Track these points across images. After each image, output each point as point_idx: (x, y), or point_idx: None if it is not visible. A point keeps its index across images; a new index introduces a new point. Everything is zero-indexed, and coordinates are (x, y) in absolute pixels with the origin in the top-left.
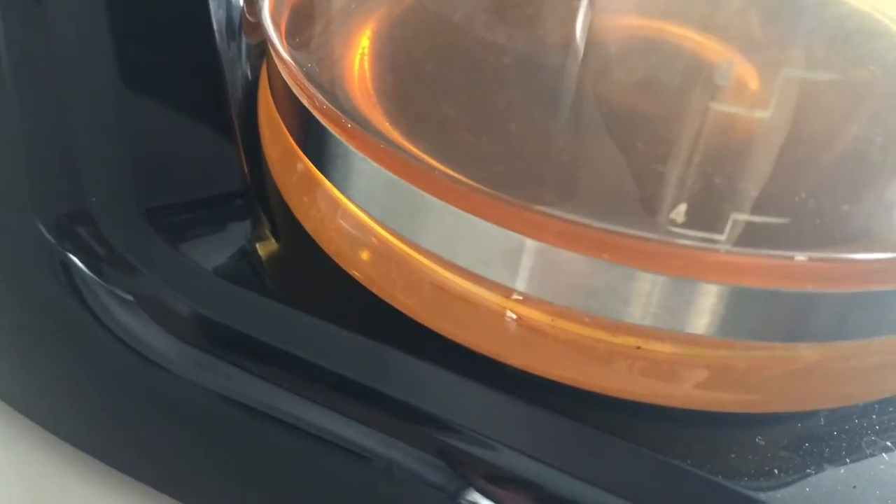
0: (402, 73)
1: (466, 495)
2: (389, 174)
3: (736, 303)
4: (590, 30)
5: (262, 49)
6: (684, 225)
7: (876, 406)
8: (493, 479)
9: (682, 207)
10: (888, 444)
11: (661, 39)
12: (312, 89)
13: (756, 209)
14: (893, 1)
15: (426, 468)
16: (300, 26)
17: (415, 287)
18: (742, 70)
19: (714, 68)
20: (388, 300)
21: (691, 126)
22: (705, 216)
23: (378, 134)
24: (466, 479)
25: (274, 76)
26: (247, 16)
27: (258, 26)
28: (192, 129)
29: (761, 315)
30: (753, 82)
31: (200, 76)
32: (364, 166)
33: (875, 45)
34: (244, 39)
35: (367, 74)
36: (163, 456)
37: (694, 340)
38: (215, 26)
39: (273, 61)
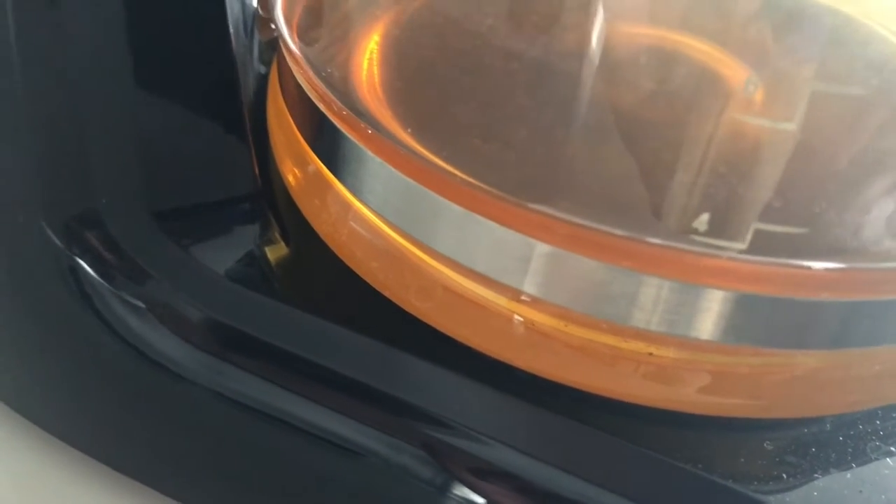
0: (412, 75)
1: (474, 496)
2: (407, 179)
3: (745, 309)
4: (604, 38)
5: (273, 45)
6: (703, 232)
7: (879, 412)
8: (502, 482)
9: (705, 217)
10: (892, 449)
11: (673, 50)
12: (329, 93)
13: (772, 218)
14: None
15: (435, 469)
16: (312, 24)
17: (427, 291)
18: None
19: (725, 80)
20: (399, 304)
21: (703, 136)
22: (722, 224)
23: (396, 139)
24: (475, 480)
25: (285, 76)
26: (260, 12)
27: (270, 23)
28: (204, 132)
29: (768, 322)
30: (761, 94)
31: (214, 77)
32: (381, 171)
33: (884, 59)
34: (256, 36)
35: (376, 76)
36: (175, 460)
37: (700, 346)
38: (231, 27)
39: (284, 60)
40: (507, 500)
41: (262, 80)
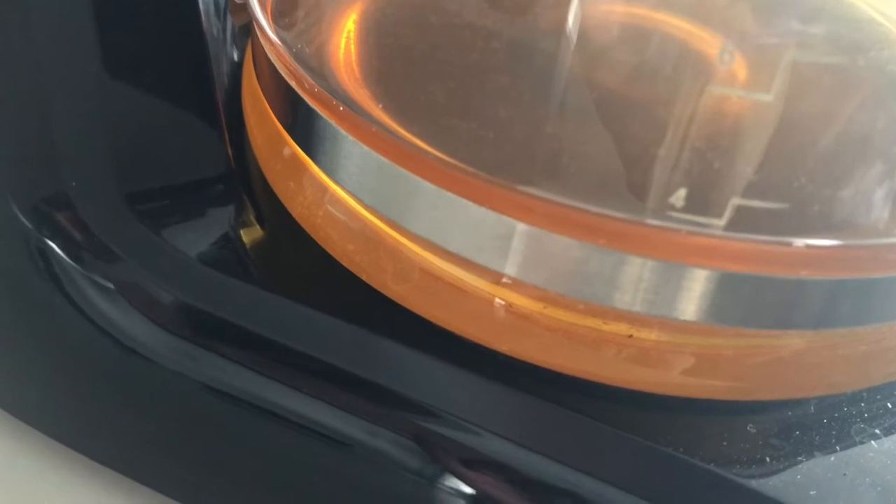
0: (389, 55)
1: (455, 483)
2: (381, 158)
3: (728, 288)
4: (581, 15)
5: (247, 29)
6: (683, 210)
7: (864, 394)
8: (482, 467)
9: (682, 192)
10: (876, 431)
11: (651, 27)
12: (302, 71)
13: (753, 194)
14: None
15: (415, 456)
16: (287, 7)
17: (404, 274)
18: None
19: (704, 56)
20: (376, 287)
21: (684, 112)
22: (702, 201)
23: (370, 117)
24: (456, 466)
25: (260, 58)
26: None
27: (244, 6)
28: (175, 112)
29: (750, 302)
30: (742, 71)
31: (185, 57)
32: (355, 150)
33: (862, 35)
34: (229, 19)
35: (354, 56)
36: (144, 446)
37: (683, 327)
38: (201, 6)
39: (259, 43)
40: (487, 485)
41: (237, 65)
